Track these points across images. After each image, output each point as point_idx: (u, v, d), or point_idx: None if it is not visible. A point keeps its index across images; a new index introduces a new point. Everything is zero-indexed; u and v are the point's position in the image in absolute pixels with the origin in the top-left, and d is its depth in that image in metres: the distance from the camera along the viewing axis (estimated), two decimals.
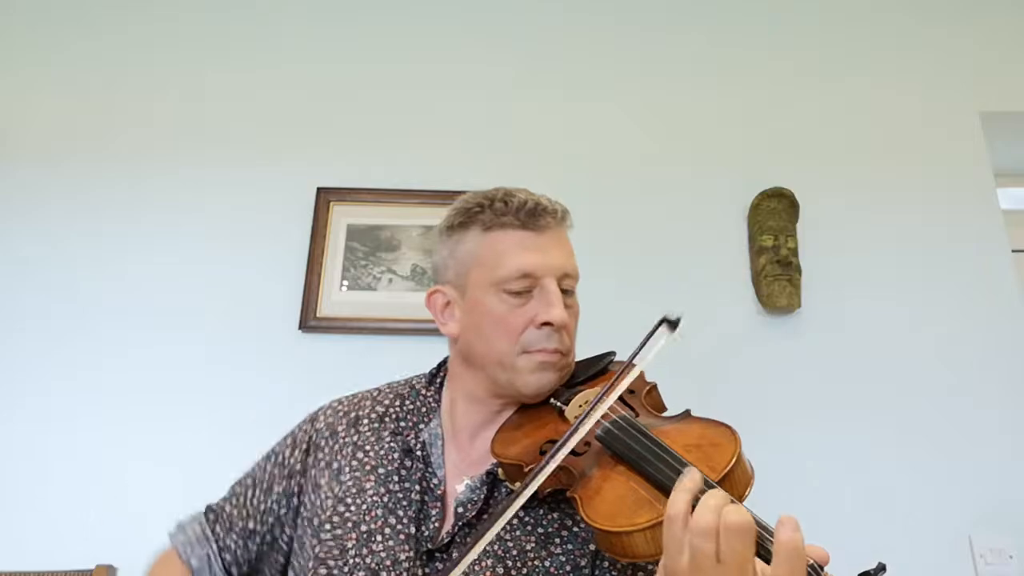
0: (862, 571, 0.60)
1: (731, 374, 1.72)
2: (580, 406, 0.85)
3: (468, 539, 0.84)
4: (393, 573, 0.82)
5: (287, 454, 0.98)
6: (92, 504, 1.63)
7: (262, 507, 0.96)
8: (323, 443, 0.96)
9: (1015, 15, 2.06)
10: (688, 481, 0.63)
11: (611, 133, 1.96)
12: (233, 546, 0.96)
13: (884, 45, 2.03)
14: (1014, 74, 2.00)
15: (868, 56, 2.02)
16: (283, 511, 0.95)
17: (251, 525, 0.96)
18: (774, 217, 1.79)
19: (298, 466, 0.96)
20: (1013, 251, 1.83)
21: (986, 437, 1.66)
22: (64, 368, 1.76)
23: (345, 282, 1.82)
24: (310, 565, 0.86)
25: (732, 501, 0.62)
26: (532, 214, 0.90)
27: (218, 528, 0.97)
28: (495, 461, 0.86)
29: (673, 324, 0.77)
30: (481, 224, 0.91)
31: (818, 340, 1.76)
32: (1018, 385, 1.70)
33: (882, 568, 0.60)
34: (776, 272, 1.73)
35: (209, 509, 1.01)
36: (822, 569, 0.61)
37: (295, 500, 0.95)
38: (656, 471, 0.70)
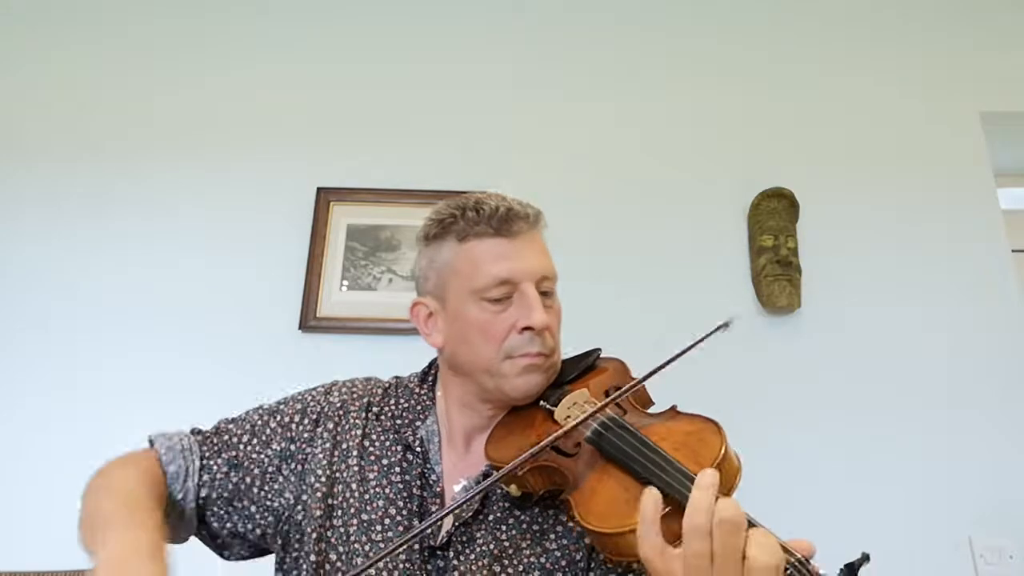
0: (846, 562, 0.61)
1: (731, 374, 1.72)
2: (569, 407, 0.86)
3: (464, 538, 0.85)
4: (391, 564, 0.84)
5: (296, 420, 0.96)
6: None
7: (253, 455, 0.94)
8: (336, 417, 0.96)
9: (1015, 15, 2.06)
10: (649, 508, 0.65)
11: (611, 133, 1.96)
12: (215, 469, 0.93)
13: (884, 45, 2.04)
14: (1014, 74, 2.00)
15: (868, 56, 2.02)
16: (272, 469, 0.93)
17: (238, 464, 0.93)
18: (774, 217, 1.79)
19: (306, 434, 0.95)
20: (1013, 251, 1.83)
21: (986, 437, 1.66)
22: (64, 368, 1.76)
23: (345, 282, 1.82)
24: (321, 546, 0.87)
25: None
26: (505, 220, 0.90)
27: (204, 448, 0.95)
28: (488, 464, 0.87)
29: (726, 325, 0.80)
30: (455, 234, 0.92)
31: (818, 340, 1.76)
32: (1018, 385, 1.70)
33: (865, 558, 0.61)
34: (776, 272, 1.73)
35: (196, 431, 0.98)
36: (808, 562, 0.61)
37: (293, 465, 0.93)
38: (644, 471, 0.72)
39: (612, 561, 0.83)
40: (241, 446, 0.94)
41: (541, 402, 0.90)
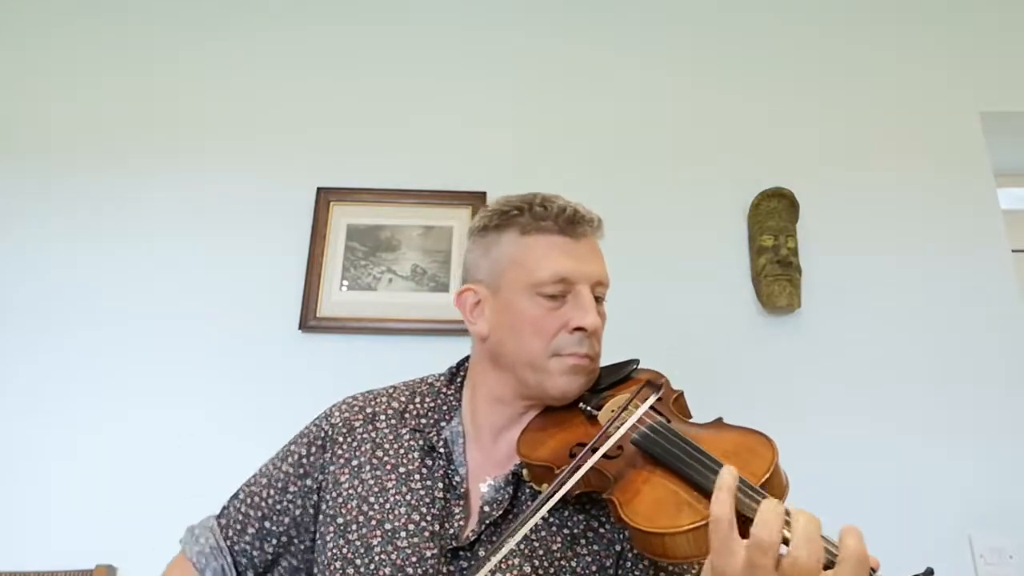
0: (912, 574, 0.60)
1: (731, 374, 1.72)
2: (613, 411, 0.86)
3: (494, 538, 0.84)
4: (419, 570, 0.83)
5: (303, 452, 0.97)
6: (92, 504, 1.63)
7: (278, 507, 0.95)
8: (340, 438, 0.96)
9: (1015, 15, 2.06)
10: (727, 479, 0.64)
11: (611, 133, 1.96)
12: (248, 548, 0.94)
13: (884, 45, 2.03)
14: (1014, 74, 2.00)
15: (868, 56, 2.02)
16: (298, 512, 0.94)
17: (267, 524, 0.94)
18: (774, 217, 1.79)
19: (318, 462, 0.95)
20: (1013, 251, 1.83)
21: (986, 437, 1.66)
22: (64, 368, 1.76)
23: (345, 282, 1.82)
24: (337, 565, 0.86)
25: (787, 512, 0.62)
26: (571, 221, 0.92)
27: (231, 533, 0.95)
28: (519, 462, 0.87)
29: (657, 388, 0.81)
30: (519, 227, 0.92)
31: (818, 340, 1.76)
32: (1018, 385, 1.70)
33: (930, 572, 0.60)
34: (776, 272, 1.73)
35: (221, 515, 0.99)
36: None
37: (313, 498, 0.94)
38: (697, 474, 0.71)
39: (644, 561, 0.83)
40: (263, 504, 0.95)
41: (581, 404, 0.90)
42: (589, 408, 0.89)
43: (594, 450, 0.77)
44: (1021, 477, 1.63)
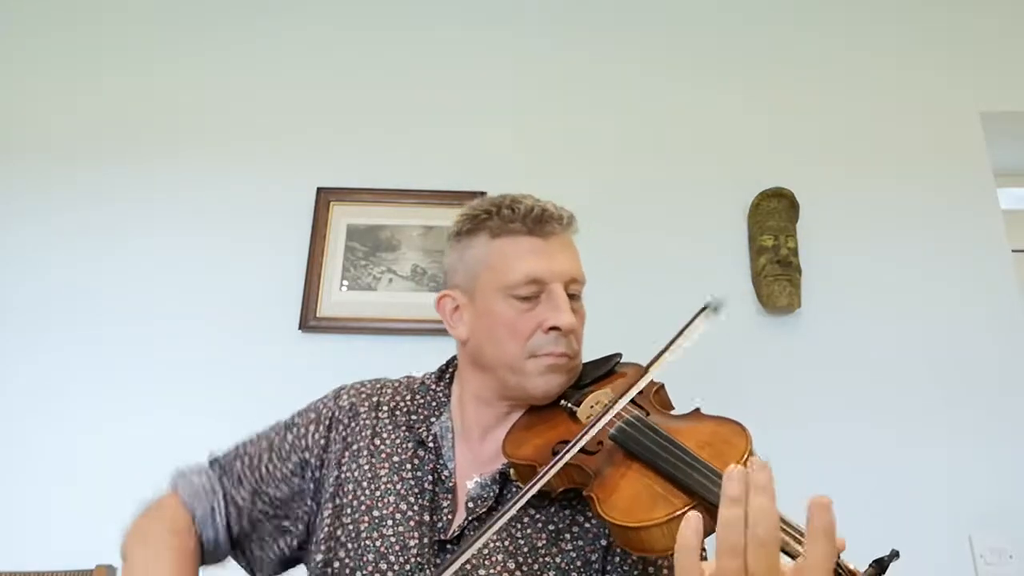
0: (876, 558, 0.62)
1: (731, 374, 1.72)
2: (592, 406, 0.87)
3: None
4: (401, 558, 0.84)
5: (311, 429, 0.98)
6: (92, 504, 1.63)
7: (277, 474, 0.95)
8: (346, 420, 0.98)
9: (1016, 15, 2.06)
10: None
11: (611, 133, 1.96)
12: (240, 501, 0.94)
13: (884, 45, 2.03)
14: (1014, 74, 1.99)
15: (868, 56, 2.02)
16: (296, 480, 0.95)
17: (262, 487, 0.95)
18: (774, 217, 1.79)
19: (322, 441, 0.97)
20: (1013, 251, 1.83)
21: (986, 437, 1.66)
22: (63, 368, 1.76)
23: (345, 282, 1.82)
24: (330, 545, 0.88)
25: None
26: (539, 220, 0.92)
27: (225, 481, 0.96)
28: (507, 461, 0.88)
29: (715, 309, 0.81)
30: (489, 231, 0.93)
31: (818, 340, 1.76)
32: (1018, 385, 1.70)
33: (895, 555, 0.62)
34: (776, 272, 1.73)
35: (214, 461, 0.99)
36: (838, 558, 0.62)
37: (314, 474, 0.95)
38: (671, 467, 0.72)
39: (629, 558, 0.84)
40: (262, 467, 0.96)
41: (562, 402, 0.91)
42: (570, 405, 0.90)
43: (572, 448, 0.77)
44: (1021, 477, 1.63)
